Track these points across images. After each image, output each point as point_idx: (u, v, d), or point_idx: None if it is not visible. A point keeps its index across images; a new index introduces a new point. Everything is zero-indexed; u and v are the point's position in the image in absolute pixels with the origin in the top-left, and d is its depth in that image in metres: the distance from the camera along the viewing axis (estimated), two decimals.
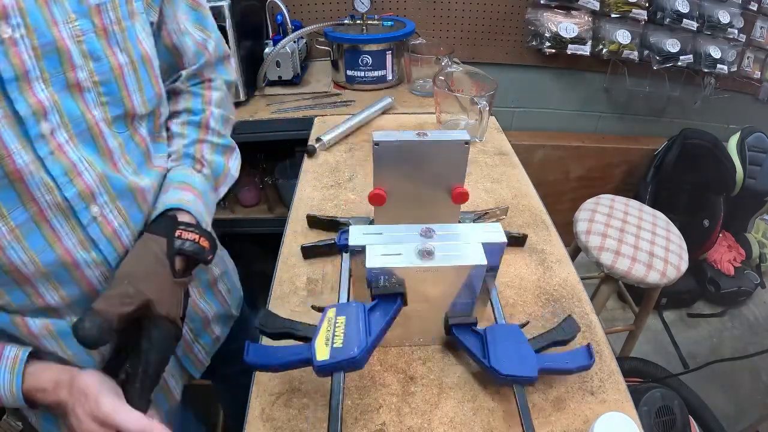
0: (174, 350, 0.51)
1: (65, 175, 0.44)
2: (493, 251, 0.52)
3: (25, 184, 0.41)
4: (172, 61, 0.59)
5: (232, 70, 0.67)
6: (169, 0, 0.56)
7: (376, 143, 0.57)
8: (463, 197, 0.62)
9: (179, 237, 0.51)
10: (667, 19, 1.58)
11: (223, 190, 0.65)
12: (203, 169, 0.60)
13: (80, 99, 0.44)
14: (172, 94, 0.61)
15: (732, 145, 1.87)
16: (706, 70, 1.67)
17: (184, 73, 0.60)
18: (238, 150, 0.68)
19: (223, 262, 0.75)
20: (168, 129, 0.60)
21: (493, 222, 0.62)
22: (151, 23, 0.54)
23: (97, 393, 0.44)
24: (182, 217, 0.53)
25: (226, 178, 0.65)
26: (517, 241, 0.75)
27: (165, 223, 0.52)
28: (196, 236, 0.52)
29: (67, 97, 0.43)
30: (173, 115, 0.61)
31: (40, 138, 0.41)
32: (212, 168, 0.62)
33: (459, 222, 0.69)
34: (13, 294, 0.46)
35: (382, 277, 0.50)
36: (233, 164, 0.66)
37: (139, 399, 0.46)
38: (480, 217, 0.76)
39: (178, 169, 0.58)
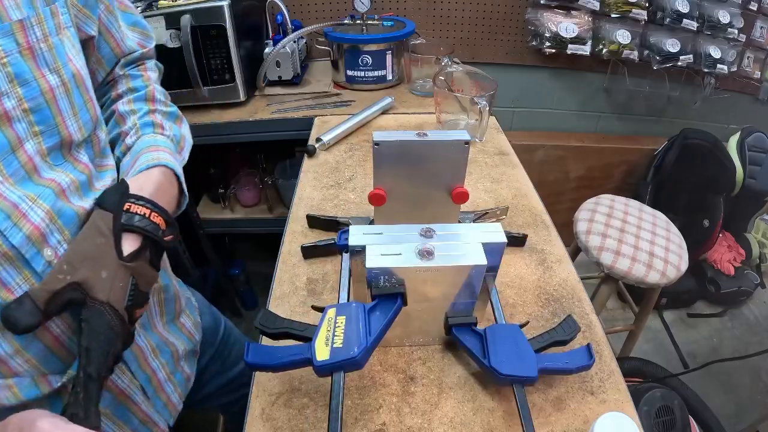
0: (118, 346, 0.44)
1: (8, 220, 0.38)
2: (493, 251, 0.52)
3: None
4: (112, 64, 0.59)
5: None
6: (110, 10, 0.54)
7: (376, 143, 0.57)
8: (463, 197, 0.62)
9: (127, 210, 0.45)
10: (667, 19, 1.58)
11: (186, 156, 0.62)
12: (165, 132, 0.58)
13: (10, 131, 0.39)
14: (111, 83, 0.60)
15: (732, 145, 1.87)
16: (706, 70, 1.67)
17: (122, 60, 0.59)
18: (185, 118, 0.66)
19: (186, 296, 0.71)
20: (115, 112, 0.58)
21: (493, 222, 0.62)
22: (92, 37, 0.51)
23: (31, 420, 0.36)
24: (136, 188, 0.48)
25: (185, 143, 0.63)
26: (517, 241, 0.75)
27: (114, 195, 0.46)
28: (147, 210, 0.46)
29: None
30: (117, 98, 0.59)
31: None
32: (172, 132, 0.59)
33: (458, 222, 0.69)
34: None
35: (382, 277, 0.50)
36: (186, 131, 0.64)
37: (85, 411, 0.39)
38: (480, 217, 0.76)
39: (142, 138, 0.55)
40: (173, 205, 0.54)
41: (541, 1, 1.54)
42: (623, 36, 1.60)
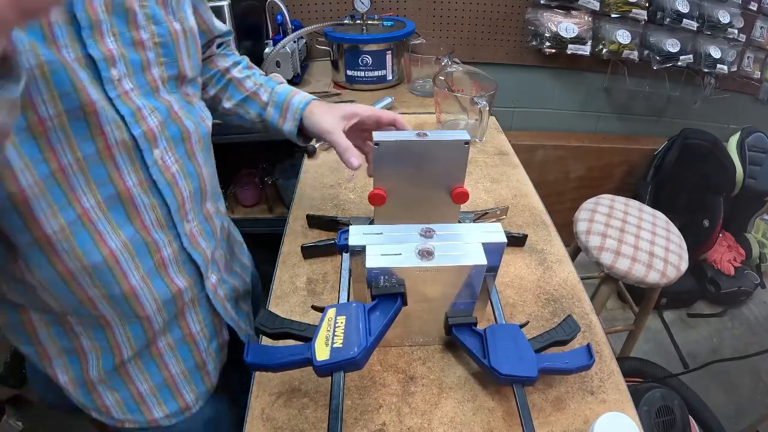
0: None
1: (132, 116, 0.47)
2: (493, 251, 0.52)
3: (97, 117, 0.44)
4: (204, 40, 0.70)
5: None
6: None
7: (376, 143, 0.57)
8: (463, 197, 0.62)
9: None
10: (667, 19, 1.58)
11: None
12: (281, 80, 0.78)
13: (144, 55, 0.48)
14: (208, 60, 0.73)
15: (732, 145, 1.87)
16: (706, 70, 1.67)
17: (216, 40, 0.72)
18: None
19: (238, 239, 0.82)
20: (232, 80, 0.74)
21: (493, 222, 0.63)
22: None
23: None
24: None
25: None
26: (517, 241, 0.75)
27: None
28: None
29: (132, 52, 0.47)
30: (225, 71, 0.74)
31: (110, 81, 0.45)
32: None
33: (458, 222, 0.69)
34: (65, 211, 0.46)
35: (382, 277, 0.50)
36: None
37: None
38: (480, 217, 0.76)
39: (276, 92, 0.73)
40: None
41: (541, 1, 1.55)
42: (623, 36, 1.60)
